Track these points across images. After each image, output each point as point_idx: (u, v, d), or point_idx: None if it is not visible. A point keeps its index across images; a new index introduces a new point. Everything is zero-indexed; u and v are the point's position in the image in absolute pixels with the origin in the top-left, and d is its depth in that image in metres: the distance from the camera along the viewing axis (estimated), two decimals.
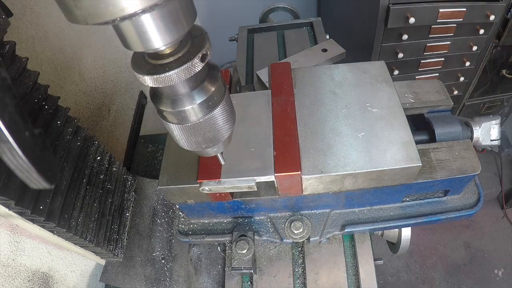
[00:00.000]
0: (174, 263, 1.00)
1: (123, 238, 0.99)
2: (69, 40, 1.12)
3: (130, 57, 0.40)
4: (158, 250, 1.01)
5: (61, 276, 0.88)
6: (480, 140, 0.79)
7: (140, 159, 1.27)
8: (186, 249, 1.00)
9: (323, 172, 0.66)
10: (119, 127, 1.38)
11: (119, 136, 1.38)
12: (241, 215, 0.84)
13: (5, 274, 0.71)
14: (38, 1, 0.97)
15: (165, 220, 1.06)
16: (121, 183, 1.02)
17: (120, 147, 1.37)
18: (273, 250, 0.86)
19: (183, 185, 0.70)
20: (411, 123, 0.75)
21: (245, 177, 0.66)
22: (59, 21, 1.06)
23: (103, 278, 0.97)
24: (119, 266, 0.98)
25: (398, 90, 0.78)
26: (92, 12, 0.27)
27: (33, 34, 0.94)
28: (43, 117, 0.73)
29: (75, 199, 0.80)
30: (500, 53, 2.02)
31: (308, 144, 0.70)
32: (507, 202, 2.56)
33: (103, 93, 1.31)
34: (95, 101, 1.24)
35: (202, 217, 0.85)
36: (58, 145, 0.77)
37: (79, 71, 1.16)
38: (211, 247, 0.97)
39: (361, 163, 0.66)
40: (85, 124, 1.15)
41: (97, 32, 1.31)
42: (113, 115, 1.36)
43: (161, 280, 0.97)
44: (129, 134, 1.45)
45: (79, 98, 1.14)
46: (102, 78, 1.31)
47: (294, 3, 1.68)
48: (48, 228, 0.75)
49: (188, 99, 0.42)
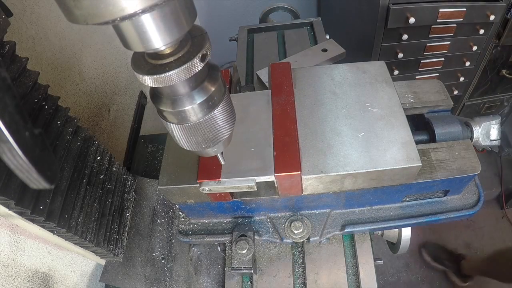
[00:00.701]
0: (174, 263, 1.00)
1: (123, 238, 0.99)
2: (69, 40, 1.12)
3: (130, 57, 0.40)
4: (158, 250, 1.01)
5: (61, 276, 0.88)
6: (480, 140, 0.79)
7: (140, 159, 1.27)
8: (186, 249, 1.01)
9: (323, 172, 0.66)
10: (119, 127, 1.39)
11: (119, 136, 1.38)
12: (241, 215, 0.84)
13: (5, 274, 0.71)
14: (38, 1, 0.97)
15: (165, 220, 1.06)
16: (121, 183, 1.02)
17: (120, 147, 1.37)
18: (273, 250, 0.86)
19: (183, 185, 0.70)
20: (411, 123, 0.75)
21: (245, 177, 0.66)
22: (59, 21, 1.06)
23: (103, 278, 0.97)
24: (119, 266, 0.98)
25: (398, 90, 0.78)
26: (92, 12, 0.27)
27: (33, 34, 0.94)
28: (43, 117, 0.73)
29: (75, 199, 0.80)
30: (500, 53, 2.03)
31: (308, 144, 0.70)
32: (507, 202, 2.56)
33: (103, 93, 1.31)
34: (95, 101, 1.24)
35: (202, 217, 0.85)
36: (58, 145, 0.77)
37: (79, 71, 1.16)
38: (211, 247, 0.97)
39: (361, 163, 0.66)
40: (85, 124, 1.15)
41: (97, 32, 1.31)
42: (113, 115, 1.36)
43: (161, 280, 0.97)
44: (129, 134, 1.45)
45: (79, 98, 1.14)
46: (102, 78, 1.31)
47: (294, 3, 1.68)
48: (48, 228, 0.75)
49: (188, 99, 0.42)
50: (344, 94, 0.78)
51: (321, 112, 0.75)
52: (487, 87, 2.25)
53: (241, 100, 0.79)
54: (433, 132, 0.78)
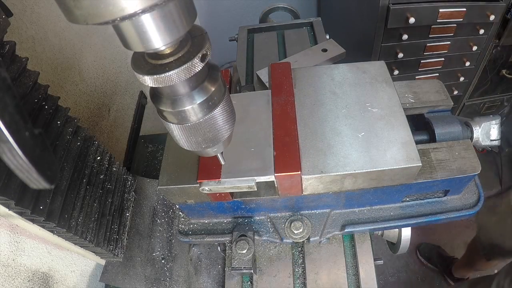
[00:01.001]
0: (174, 263, 1.00)
1: (123, 238, 0.99)
2: (69, 40, 1.12)
3: (130, 57, 0.40)
4: (158, 250, 1.01)
5: (61, 276, 0.88)
6: (480, 140, 0.79)
7: (140, 159, 1.27)
8: (186, 249, 1.00)
9: (323, 172, 0.66)
10: (119, 127, 1.38)
11: (119, 136, 1.38)
12: (241, 215, 0.84)
13: (5, 274, 0.71)
14: (38, 1, 0.97)
15: (165, 220, 1.06)
16: (121, 183, 1.02)
17: (120, 147, 1.37)
18: (273, 250, 0.86)
19: (183, 185, 0.70)
20: (411, 123, 0.75)
21: (245, 177, 0.66)
22: (59, 21, 1.06)
23: (103, 278, 0.97)
24: (119, 266, 0.98)
25: (398, 90, 0.78)
26: (92, 12, 0.27)
27: (33, 34, 0.94)
28: (43, 117, 0.73)
29: (75, 199, 0.80)
30: (500, 53, 2.02)
31: (308, 144, 0.70)
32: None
33: (103, 93, 1.31)
34: (95, 101, 1.24)
35: (202, 217, 0.85)
36: (58, 145, 0.77)
37: (79, 71, 1.16)
38: (211, 247, 0.97)
39: (361, 163, 0.66)
40: (85, 124, 1.15)
41: (97, 32, 1.31)
42: (113, 115, 1.36)
43: (161, 280, 0.97)
44: (129, 134, 1.45)
45: (79, 98, 1.14)
46: (102, 78, 1.31)
47: (294, 3, 1.68)
48: (48, 228, 0.75)
49: (188, 99, 0.42)
50: (344, 94, 0.78)
51: (321, 112, 0.75)
52: (487, 87, 2.25)
53: (241, 100, 0.79)
54: (433, 132, 0.78)
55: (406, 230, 0.93)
